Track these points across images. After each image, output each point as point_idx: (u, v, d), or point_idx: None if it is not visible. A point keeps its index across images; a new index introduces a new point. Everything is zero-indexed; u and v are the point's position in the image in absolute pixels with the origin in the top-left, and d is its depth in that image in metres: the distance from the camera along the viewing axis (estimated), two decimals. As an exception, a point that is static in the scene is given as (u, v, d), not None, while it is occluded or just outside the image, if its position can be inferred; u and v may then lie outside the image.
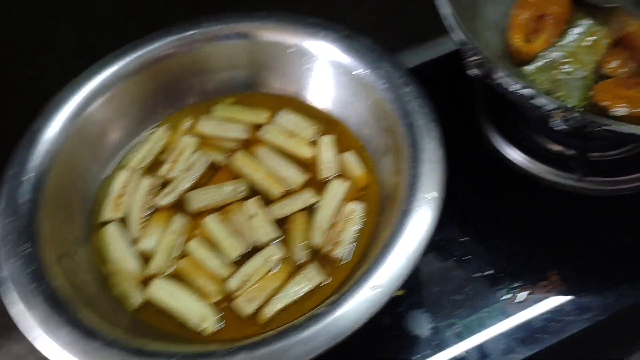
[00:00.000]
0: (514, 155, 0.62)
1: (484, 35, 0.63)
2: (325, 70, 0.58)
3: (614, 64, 0.59)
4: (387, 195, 0.51)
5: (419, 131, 0.49)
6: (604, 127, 0.47)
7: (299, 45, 0.58)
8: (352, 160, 0.55)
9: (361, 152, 0.56)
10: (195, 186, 0.55)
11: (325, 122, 0.59)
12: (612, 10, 0.61)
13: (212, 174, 0.56)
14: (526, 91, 0.50)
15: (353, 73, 0.56)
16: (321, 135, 0.57)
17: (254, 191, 0.54)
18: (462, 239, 0.58)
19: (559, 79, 0.60)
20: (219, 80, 0.61)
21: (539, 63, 0.61)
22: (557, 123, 0.49)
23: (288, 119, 0.59)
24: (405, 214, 0.45)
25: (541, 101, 0.49)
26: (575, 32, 0.62)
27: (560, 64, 0.61)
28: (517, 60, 0.62)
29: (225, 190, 0.54)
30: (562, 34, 0.62)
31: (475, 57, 0.51)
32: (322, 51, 0.58)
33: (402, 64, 0.55)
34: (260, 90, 0.61)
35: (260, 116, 0.60)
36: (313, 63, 0.58)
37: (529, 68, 0.61)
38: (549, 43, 0.62)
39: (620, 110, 0.55)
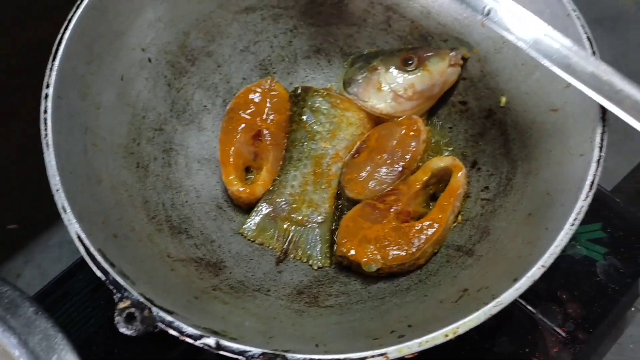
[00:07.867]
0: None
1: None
2: None
3: (356, 179, 0.44)
4: None
5: None
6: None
7: None
8: None
9: None
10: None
11: None
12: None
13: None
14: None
15: None
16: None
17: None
18: None
19: (291, 233, 0.45)
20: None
21: (257, 218, 0.45)
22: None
23: None
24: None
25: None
26: (295, 157, 0.46)
27: (289, 212, 0.45)
28: (244, 207, 0.46)
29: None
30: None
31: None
32: None
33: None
34: None
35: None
36: None
37: (248, 227, 0.45)
38: (274, 173, 0.46)
39: (372, 264, 0.40)
